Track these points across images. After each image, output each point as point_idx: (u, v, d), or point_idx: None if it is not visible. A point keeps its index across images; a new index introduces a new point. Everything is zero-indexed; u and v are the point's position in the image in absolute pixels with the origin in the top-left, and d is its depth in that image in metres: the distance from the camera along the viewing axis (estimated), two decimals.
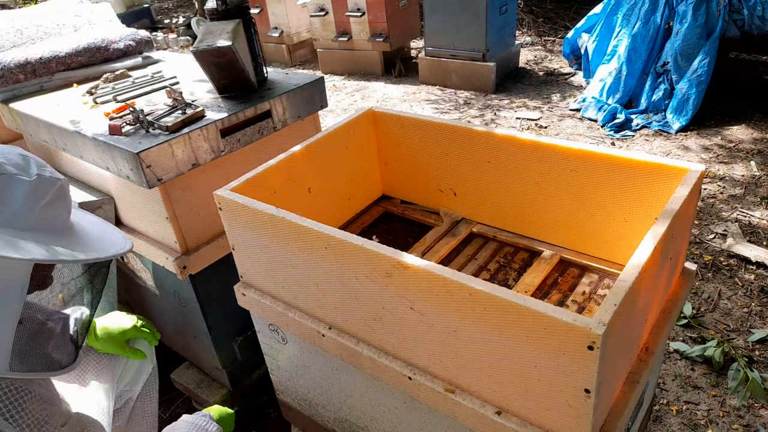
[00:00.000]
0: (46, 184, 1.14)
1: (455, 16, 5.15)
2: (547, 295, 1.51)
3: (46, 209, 1.14)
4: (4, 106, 2.05)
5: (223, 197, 1.37)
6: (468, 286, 0.99)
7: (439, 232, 1.77)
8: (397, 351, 1.25)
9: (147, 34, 2.36)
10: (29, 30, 2.23)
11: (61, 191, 1.18)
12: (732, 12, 4.22)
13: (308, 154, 1.63)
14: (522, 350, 0.98)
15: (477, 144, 1.65)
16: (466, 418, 1.15)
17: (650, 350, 1.25)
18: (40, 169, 1.15)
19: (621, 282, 0.96)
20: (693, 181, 1.23)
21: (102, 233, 1.30)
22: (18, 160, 1.14)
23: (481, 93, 5.38)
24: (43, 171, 1.15)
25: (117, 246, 1.25)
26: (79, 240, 1.20)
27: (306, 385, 1.64)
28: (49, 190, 1.14)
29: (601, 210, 1.49)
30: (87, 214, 1.40)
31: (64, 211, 1.20)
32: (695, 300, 2.68)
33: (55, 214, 1.17)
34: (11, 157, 1.13)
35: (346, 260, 1.18)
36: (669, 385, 2.25)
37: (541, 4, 7.75)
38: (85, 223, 1.30)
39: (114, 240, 1.29)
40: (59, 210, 1.18)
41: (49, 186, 1.14)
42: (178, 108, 1.71)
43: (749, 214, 3.26)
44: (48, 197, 1.14)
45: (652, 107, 4.52)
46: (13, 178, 1.10)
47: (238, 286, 1.57)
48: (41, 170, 1.15)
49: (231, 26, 1.74)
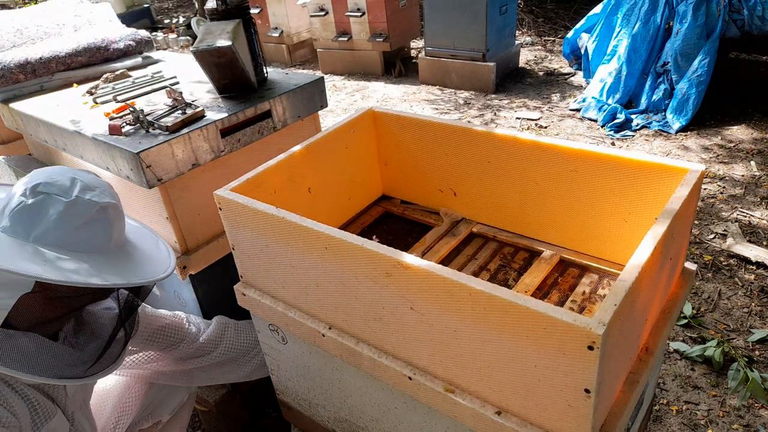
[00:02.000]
0: (83, 206, 1.19)
1: (455, 16, 5.15)
2: (547, 295, 1.51)
3: (81, 230, 1.19)
4: (4, 106, 2.05)
5: (223, 197, 1.37)
6: (468, 286, 0.99)
7: (439, 232, 1.77)
8: (397, 351, 1.25)
9: (147, 34, 2.36)
10: (29, 30, 2.23)
11: (101, 214, 1.22)
12: (732, 12, 4.22)
13: (308, 154, 1.63)
14: (522, 350, 0.98)
15: (477, 144, 1.65)
16: (466, 418, 1.15)
17: (650, 350, 1.25)
18: (82, 192, 1.21)
19: (621, 282, 0.96)
20: (693, 181, 1.23)
21: (145, 261, 1.33)
22: (65, 182, 1.21)
23: (481, 93, 5.38)
24: (84, 194, 1.21)
25: (139, 275, 1.27)
26: (108, 263, 1.22)
27: (306, 385, 1.64)
28: (86, 212, 1.20)
29: (602, 210, 1.49)
30: (148, 240, 1.44)
31: (101, 234, 1.23)
32: (695, 300, 2.68)
33: (90, 236, 1.21)
34: (59, 179, 1.21)
35: (346, 260, 1.18)
36: (669, 385, 2.25)
37: (541, 4, 7.75)
38: (136, 249, 1.34)
39: (149, 268, 1.31)
40: (96, 232, 1.22)
41: (87, 208, 1.20)
42: (178, 108, 1.71)
43: (749, 214, 3.26)
44: (83, 219, 1.19)
45: (652, 107, 4.52)
46: (51, 197, 1.18)
47: (238, 286, 1.57)
48: (83, 193, 1.21)
49: (231, 26, 1.74)
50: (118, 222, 1.29)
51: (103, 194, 1.25)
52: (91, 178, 1.27)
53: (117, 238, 1.28)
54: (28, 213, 1.17)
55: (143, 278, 1.27)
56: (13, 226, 1.16)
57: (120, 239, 1.30)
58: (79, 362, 1.26)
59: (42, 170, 1.26)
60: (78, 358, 1.26)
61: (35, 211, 1.17)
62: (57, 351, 1.22)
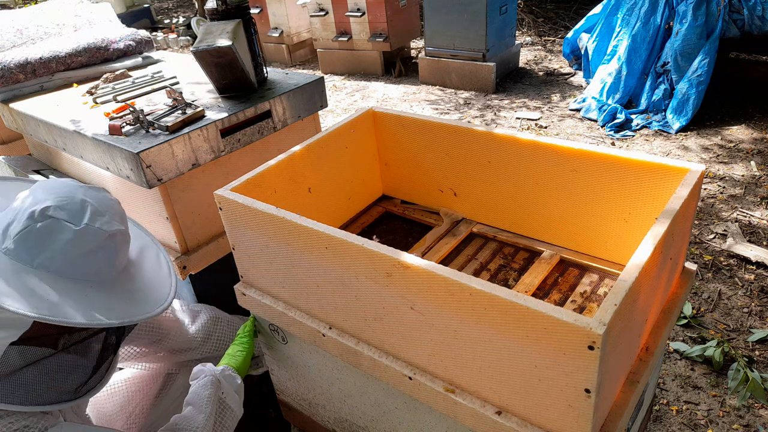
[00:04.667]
0: (91, 235, 1.15)
1: (455, 16, 5.15)
2: (547, 295, 1.50)
3: (85, 258, 1.15)
4: (4, 106, 2.05)
5: (223, 197, 1.37)
6: (468, 286, 0.99)
7: (440, 232, 1.77)
8: (397, 351, 1.24)
9: (147, 34, 2.36)
10: (29, 30, 2.23)
11: (108, 243, 1.18)
12: (732, 12, 4.22)
13: (308, 154, 1.63)
14: (522, 350, 0.98)
15: (477, 144, 1.65)
16: (466, 418, 1.15)
17: (650, 350, 1.25)
18: (92, 218, 1.16)
19: (621, 282, 0.96)
20: (693, 181, 1.23)
21: (145, 289, 1.28)
22: (76, 206, 1.16)
23: (481, 93, 5.38)
24: (94, 222, 1.16)
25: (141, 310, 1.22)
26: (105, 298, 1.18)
27: (306, 385, 1.64)
28: (93, 241, 1.16)
29: (602, 210, 1.49)
30: (149, 251, 1.40)
31: (104, 262, 1.20)
32: (695, 300, 2.68)
33: (93, 264, 1.18)
34: (69, 203, 1.16)
35: (346, 260, 1.18)
36: (669, 385, 2.25)
37: (541, 4, 7.75)
38: (138, 268, 1.30)
39: (147, 301, 1.26)
40: (99, 260, 1.19)
41: (94, 237, 1.16)
42: (178, 108, 1.71)
43: (749, 214, 3.26)
44: (89, 247, 1.15)
45: (652, 107, 4.52)
46: (59, 223, 1.13)
47: (238, 286, 1.57)
48: (92, 220, 1.16)
49: (231, 26, 1.74)
50: (124, 247, 1.26)
51: (113, 220, 1.21)
52: (101, 199, 1.23)
53: (120, 263, 1.25)
54: (35, 238, 1.12)
55: (146, 313, 1.23)
56: (16, 250, 1.12)
57: (123, 263, 1.27)
58: (71, 386, 1.22)
59: (50, 187, 1.20)
60: (71, 382, 1.22)
61: (42, 236, 1.12)
62: (49, 379, 1.18)
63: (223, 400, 1.42)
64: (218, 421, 1.40)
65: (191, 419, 1.35)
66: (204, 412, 1.36)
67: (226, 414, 1.42)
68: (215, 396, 1.40)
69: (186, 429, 1.33)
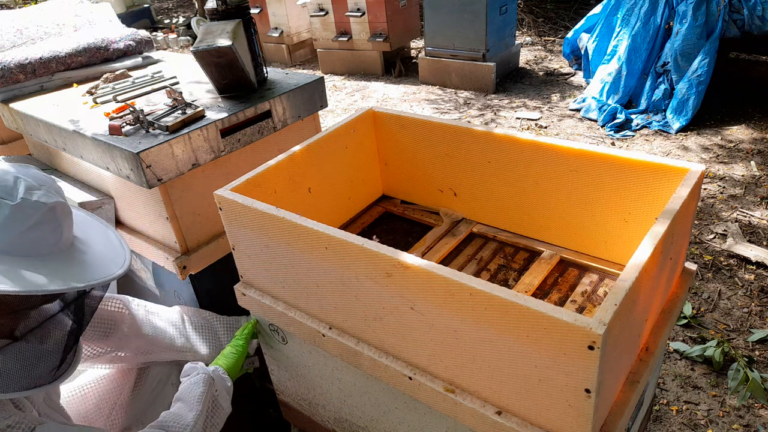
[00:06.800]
0: (30, 209, 1.12)
1: (455, 16, 5.15)
2: (547, 295, 1.51)
3: (28, 233, 1.12)
4: (4, 106, 2.05)
5: (223, 197, 1.37)
6: (468, 286, 0.99)
7: (439, 232, 1.77)
8: (397, 351, 1.25)
9: (147, 34, 2.35)
10: (29, 30, 2.23)
11: (49, 215, 1.15)
12: (732, 12, 4.22)
13: (308, 154, 1.63)
14: (522, 350, 0.98)
15: (477, 144, 1.65)
16: (466, 418, 1.15)
17: (650, 350, 1.25)
18: (27, 192, 1.13)
19: (621, 282, 0.96)
20: (693, 181, 1.23)
21: (99, 258, 1.26)
22: (8, 183, 1.13)
23: (481, 93, 5.38)
24: (30, 195, 1.13)
25: (85, 277, 1.19)
26: (62, 265, 1.16)
27: (306, 385, 1.64)
28: (33, 215, 1.13)
29: (601, 210, 1.49)
30: (95, 231, 1.37)
31: (50, 235, 1.17)
32: (695, 300, 2.68)
33: (39, 238, 1.14)
34: (1, 179, 1.13)
35: (346, 260, 1.18)
36: (669, 385, 2.25)
37: (541, 4, 7.76)
38: (87, 245, 1.28)
39: (99, 268, 1.24)
40: (45, 234, 1.15)
41: (33, 210, 1.13)
42: (178, 108, 1.71)
43: (749, 214, 3.26)
44: (31, 221, 1.12)
45: (652, 107, 4.53)
46: None
47: (238, 286, 1.57)
48: (28, 194, 1.13)
49: (231, 26, 1.74)
50: (67, 220, 1.22)
51: (50, 192, 1.18)
52: (33, 174, 1.20)
53: (66, 238, 1.22)
54: None
55: (107, 275, 1.21)
56: None
57: (69, 238, 1.24)
58: (43, 370, 1.20)
59: None
60: (41, 367, 1.19)
61: None
62: (19, 362, 1.16)
63: (216, 398, 1.44)
64: (209, 419, 1.41)
65: (181, 416, 1.36)
66: (194, 409, 1.37)
67: (217, 412, 1.44)
68: (208, 394, 1.41)
69: (175, 426, 1.33)
